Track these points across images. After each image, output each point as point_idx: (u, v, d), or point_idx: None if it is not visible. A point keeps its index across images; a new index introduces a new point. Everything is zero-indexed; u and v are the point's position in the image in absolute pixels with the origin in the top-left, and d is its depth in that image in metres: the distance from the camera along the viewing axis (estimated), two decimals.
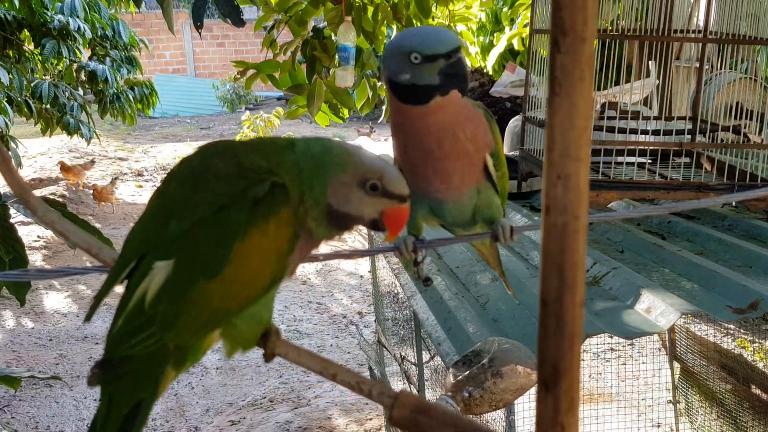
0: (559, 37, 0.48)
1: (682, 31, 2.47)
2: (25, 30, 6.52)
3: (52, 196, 8.44)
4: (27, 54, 6.76)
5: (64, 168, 8.81)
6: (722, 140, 2.41)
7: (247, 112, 9.79)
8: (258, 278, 0.81)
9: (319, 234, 0.86)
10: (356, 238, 7.60)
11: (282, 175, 0.82)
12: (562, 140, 0.49)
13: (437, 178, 1.12)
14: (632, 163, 2.42)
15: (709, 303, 1.53)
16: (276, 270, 0.82)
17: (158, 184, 0.84)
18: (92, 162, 8.64)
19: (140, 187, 9.78)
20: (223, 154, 0.83)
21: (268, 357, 0.89)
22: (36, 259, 6.87)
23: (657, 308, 1.49)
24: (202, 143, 0.88)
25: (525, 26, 5.58)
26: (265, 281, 0.82)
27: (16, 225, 2.20)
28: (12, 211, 2.25)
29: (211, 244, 0.78)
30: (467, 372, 1.40)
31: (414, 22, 4.36)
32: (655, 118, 2.52)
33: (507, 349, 1.34)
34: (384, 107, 4.97)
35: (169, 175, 0.85)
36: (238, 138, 9.02)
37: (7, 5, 6.12)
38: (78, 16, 6.58)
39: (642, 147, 2.33)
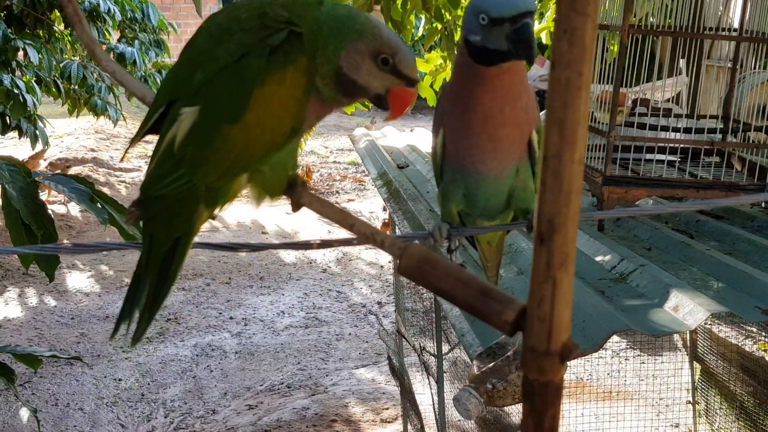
0: None
1: (714, 29, 2.44)
2: (56, 10, 6.56)
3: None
4: (57, 34, 6.81)
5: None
6: (754, 140, 2.38)
7: None
8: (277, 125, 0.85)
9: (326, 94, 0.88)
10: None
11: (301, 26, 0.85)
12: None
13: (490, 143, 1.11)
14: (662, 161, 2.39)
15: (737, 303, 1.52)
16: (294, 119, 0.86)
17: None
18: (44, 151, 8.47)
19: None
20: (249, 7, 0.87)
21: (295, 207, 0.95)
22: (61, 237, 6.93)
23: (685, 307, 1.48)
24: None
25: (554, 20, 5.55)
26: (285, 129, 0.86)
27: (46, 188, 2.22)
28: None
29: (232, 90, 0.82)
30: (491, 364, 1.40)
31: (443, 12, 4.35)
32: (687, 116, 2.49)
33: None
34: None
35: (198, 29, 0.89)
36: None
37: None
38: None
39: (672, 145, 2.30)
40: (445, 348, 3.31)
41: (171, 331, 5.42)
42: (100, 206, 2.25)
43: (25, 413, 4.30)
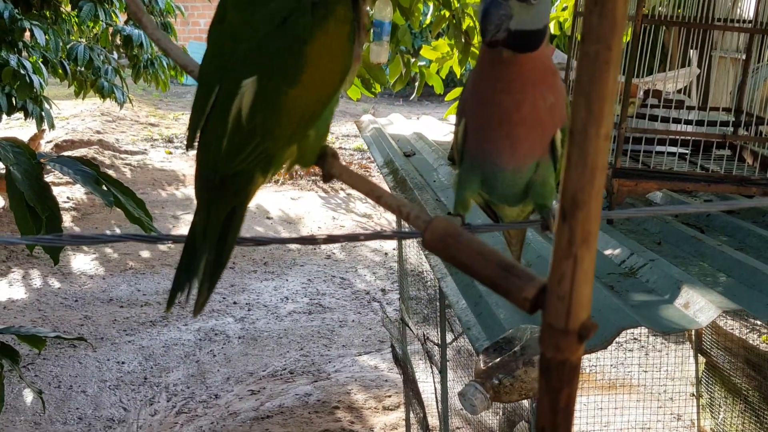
0: None
1: (725, 20, 2.41)
2: None
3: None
4: (64, 15, 6.79)
5: None
6: (766, 134, 2.36)
7: None
8: (330, 77, 0.88)
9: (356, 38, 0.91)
10: (383, 215, 7.58)
11: None
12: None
13: (506, 143, 1.06)
14: (672, 153, 2.37)
15: (749, 300, 1.50)
16: (343, 68, 0.89)
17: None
18: (42, 131, 8.38)
19: (170, 153, 9.81)
20: None
21: (326, 177, 0.97)
22: (66, 219, 6.92)
23: (696, 304, 1.46)
24: None
25: (563, 10, 5.50)
26: (336, 80, 0.89)
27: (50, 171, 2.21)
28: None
29: (284, 53, 0.84)
30: (498, 359, 1.38)
31: (451, 0, 4.31)
32: (700, 109, 2.47)
33: (540, 338, 1.32)
34: (417, 84, 4.93)
35: (220, 8, 0.89)
36: None
37: None
38: None
39: (684, 137, 2.28)
40: (449, 337, 3.30)
41: (174, 314, 5.41)
42: (105, 188, 2.23)
43: (28, 394, 4.30)
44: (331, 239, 0.96)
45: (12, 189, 2.04)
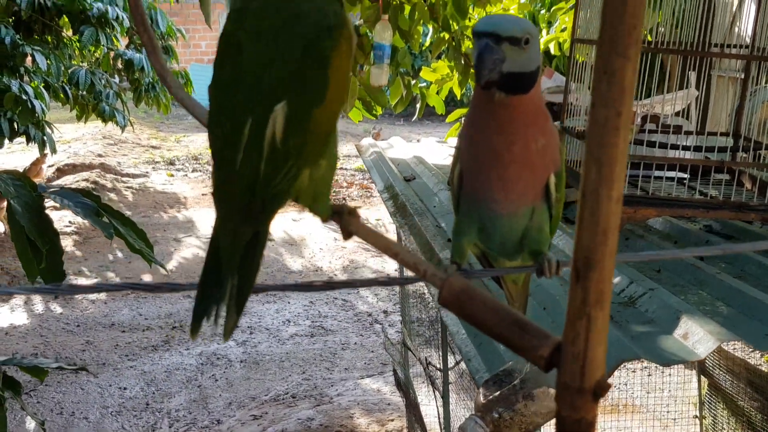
0: None
1: (722, 45, 2.42)
2: (64, 16, 6.57)
3: (84, 182, 8.52)
4: (65, 40, 6.82)
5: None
6: (766, 155, 2.36)
7: None
8: (345, 92, 0.93)
9: None
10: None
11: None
12: (612, 35, 0.52)
13: (499, 184, 1.07)
14: (671, 178, 2.37)
15: (747, 331, 1.50)
16: (348, 85, 0.94)
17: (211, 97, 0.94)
18: (44, 155, 8.29)
19: (171, 176, 9.83)
20: (268, 9, 0.91)
21: (346, 235, 0.99)
22: (67, 244, 6.93)
23: (695, 335, 1.46)
24: None
25: (562, 30, 5.53)
26: (347, 93, 0.95)
27: (50, 209, 2.21)
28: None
29: (311, 77, 0.88)
30: (498, 392, 1.38)
31: (450, 22, 4.34)
32: (697, 134, 2.47)
33: (540, 371, 1.32)
34: (418, 105, 4.95)
35: (230, 40, 0.92)
36: None
37: None
38: (117, 5, 6.63)
39: (683, 163, 2.28)
40: (450, 360, 3.29)
41: (176, 339, 5.41)
42: (106, 220, 2.24)
43: (31, 421, 4.29)
44: (328, 285, 0.97)
45: (13, 222, 2.05)
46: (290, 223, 8.05)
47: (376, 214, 8.31)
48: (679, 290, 1.75)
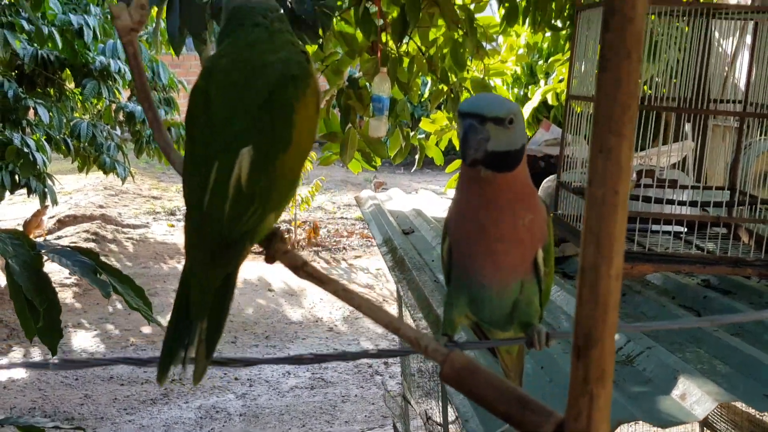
0: (608, 17, 0.51)
1: (717, 101, 2.44)
2: (67, 69, 6.65)
3: (85, 233, 8.54)
4: (68, 93, 6.90)
5: (25, 229, 8.25)
6: (761, 209, 2.37)
7: None
8: (311, 139, 0.97)
9: None
10: (385, 286, 7.57)
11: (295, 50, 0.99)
12: (606, 114, 0.52)
13: (487, 259, 1.09)
14: (668, 232, 2.38)
15: (745, 391, 1.49)
16: (316, 129, 0.99)
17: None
18: (45, 207, 8.22)
19: (172, 226, 9.84)
20: (236, 64, 0.96)
21: (268, 259, 0.99)
22: (67, 296, 6.93)
23: (692, 395, 1.45)
24: None
25: (560, 81, 5.58)
26: (313, 141, 0.98)
27: (49, 260, 2.21)
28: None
29: (277, 123, 0.91)
30: None
31: (449, 74, 4.38)
32: (693, 187, 2.49)
33: None
34: (417, 156, 4.98)
35: (199, 97, 0.96)
36: None
37: (50, 45, 6.25)
38: (119, 58, 6.72)
39: (679, 219, 2.29)
40: (451, 412, 3.26)
41: (175, 392, 5.37)
42: (104, 277, 2.24)
43: None
44: (318, 359, 0.97)
45: (11, 281, 2.05)
46: (290, 273, 8.03)
47: (377, 263, 8.31)
48: (677, 348, 1.75)
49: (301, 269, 0.95)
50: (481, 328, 1.25)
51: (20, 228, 8.46)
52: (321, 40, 3.21)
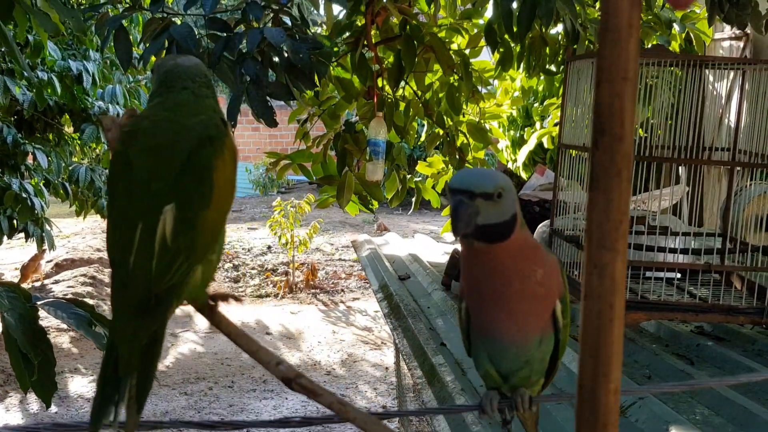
0: (597, 137, 0.51)
1: (711, 148, 2.47)
2: (66, 114, 6.70)
3: (83, 277, 8.53)
4: (66, 137, 6.93)
5: (23, 274, 8.31)
6: (753, 256, 2.39)
7: (279, 197, 9.88)
8: (231, 193, 1.01)
9: None
10: (383, 329, 7.53)
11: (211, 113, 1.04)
12: (599, 232, 0.52)
13: (505, 316, 1.10)
14: (660, 278, 2.39)
15: None
16: (235, 185, 1.03)
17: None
18: (43, 251, 8.26)
19: None
20: (157, 126, 1.01)
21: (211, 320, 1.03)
22: (64, 341, 6.91)
23: None
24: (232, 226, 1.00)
25: (555, 125, 5.63)
26: (233, 194, 1.02)
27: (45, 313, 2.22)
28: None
29: (196, 182, 0.95)
30: None
31: (445, 118, 4.42)
32: (684, 234, 2.50)
33: None
34: (414, 199, 5.00)
35: (119, 158, 0.99)
36: (268, 223, 9.08)
37: (49, 91, 6.31)
38: (118, 103, 6.76)
39: (671, 267, 2.31)
40: None
41: None
42: (99, 330, 2.25)
43: None
44: (305, 422, 0.98)
45: (6, 334, 2.06)
46: (288, 315, 8.02)
47: (375, 306, 8.29)
48: (670, 398, 1.75)
49: (294, 381, 0.96)
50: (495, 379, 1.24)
51: (18, 272, 8.46)
52: (317, 87, 3.24)
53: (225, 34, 2.80)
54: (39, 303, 2.16)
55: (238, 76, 2.86)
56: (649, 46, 3.29)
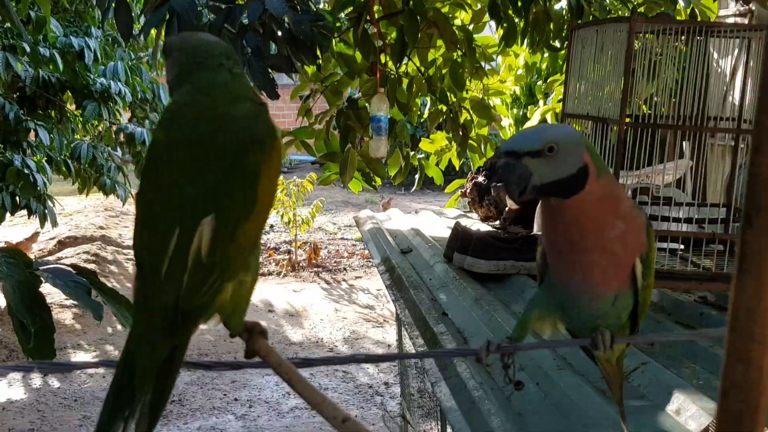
0: (752, 213, 0.45)
1: (716, 118, 2.45)
2: (68, 91, 6.68)
3: (85, 254, 8.54)
4: (68, 114, 6.92)
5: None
6: None
7: (281, 176, 9.87)
8: (272, 204, 0.95)
9: None
10: (385, 306, 7.55)
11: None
12: (747, 321, 0.46)
13: (579, 272, 1.06)
14: (664, 248, 2.38)
15: None
16: (276, 190, 0.98)
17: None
18: (36, 234, 8.29)
19: None
20: (201, 114, 0.92)
21: (248, 354, 0.97)
22: (66, 317, 6.92)
23: (687, 410, 1.45)
24: None
25: (559, 101, 5.60)
26: (273, 202, 0.96)
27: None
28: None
29: (240, 190, 0.88)
30: None
31: (448, 94, 4.39)
32: (688, 204, 2.48)
33: None
34: (417, 176, 4.99)
35: (158, 157, 0.92)
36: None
37: (51, 67, 6.29)
38: (120, 80, 6.74)
39: (675, 235, 2.29)
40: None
41: (174, 413, 5.35)
42: (99, 299, 2.24)
43: None
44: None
45: (6, 301, 2.05)
46: (291, 294, 8.03)
47: (377, 284, 8.29)
48: (672, 364, 1.74)
49: (278, 368, 0.93)
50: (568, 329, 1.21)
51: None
52: (319, 60, 3.22)
53: (226, 6, 2.78)
54: (39, 269, 2.15)
55: (239, 48, 2.83)
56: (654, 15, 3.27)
